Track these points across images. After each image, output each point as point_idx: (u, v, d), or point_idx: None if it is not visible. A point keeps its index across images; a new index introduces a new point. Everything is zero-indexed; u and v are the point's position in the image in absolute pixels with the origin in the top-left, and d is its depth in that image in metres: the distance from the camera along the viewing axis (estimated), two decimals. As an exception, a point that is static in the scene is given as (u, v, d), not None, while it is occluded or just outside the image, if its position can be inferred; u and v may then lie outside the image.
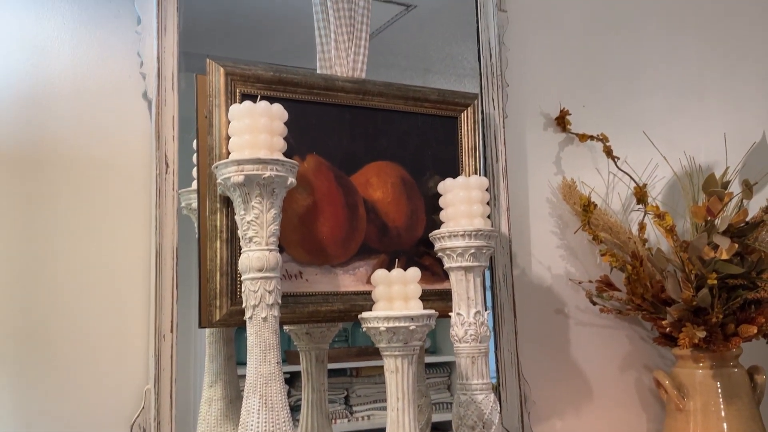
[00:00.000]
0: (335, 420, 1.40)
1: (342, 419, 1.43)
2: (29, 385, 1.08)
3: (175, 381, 1.15)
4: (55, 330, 1.11)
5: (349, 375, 1.47)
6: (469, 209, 1.28)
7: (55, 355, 1.10)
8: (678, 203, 1.65)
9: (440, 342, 1.53)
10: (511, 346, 1.44)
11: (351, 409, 1.45)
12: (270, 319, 1.10)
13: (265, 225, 1.11)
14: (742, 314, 1.42)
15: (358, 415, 1.45)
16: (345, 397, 1.46)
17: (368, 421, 1.44)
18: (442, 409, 1.46)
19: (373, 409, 1.45)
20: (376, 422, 1.41)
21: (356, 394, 1.46)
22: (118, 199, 1.18)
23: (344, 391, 1.46)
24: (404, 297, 1.16)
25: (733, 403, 1.42)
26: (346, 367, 1.47)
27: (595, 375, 1.56)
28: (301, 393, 1.35)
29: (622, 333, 1.61)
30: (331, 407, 1.38)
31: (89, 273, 1.14)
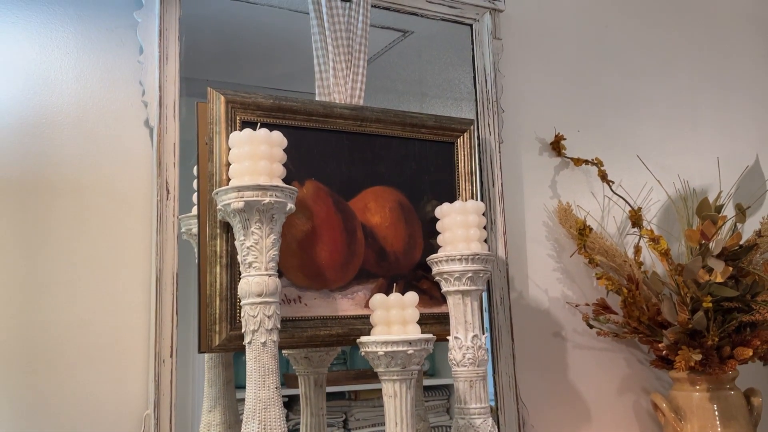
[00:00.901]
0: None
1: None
2: (29, 410, 1.08)
3: (175, 406, 1.15)
4: (56, 355, 1.11)
5: (347, 398, 1.47)
6: (466, 233, 1.29)
7: (55, 380, 1.11)
8: (673, 226, 1.67)
9: (439, 364, 1.53)
10: (509, 370, 1.45)
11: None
12: (269, 344, 1.10)
13: (265, 250, 1.12)
14: (738, 337, 1.43)
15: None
16: (344, 421, 1.46)
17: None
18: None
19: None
20: None
21: (355, 417, 1.46)
22: (119, 225, 1.19)
23: (343, 415, 1.46)
24: (402, 321, 1.18)
25: (731, 425, 1.43)
26: (344, 390, 1.48)
27: (593, 398, 1.57)
28: (300, 417, 1.35)
29: (620, 356, 1.62)
30: (329, 431, 1.38)
31: (90, 298, 1.15)
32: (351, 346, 1.34)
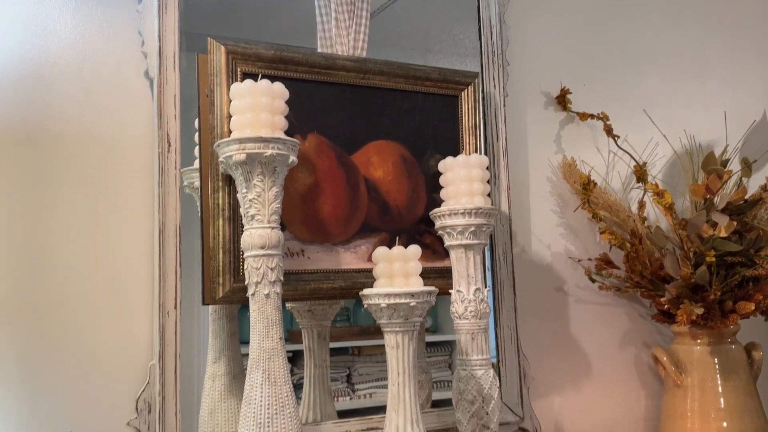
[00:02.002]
0: (337, 398, 1.42)
1: (344, 397, 1.45)
2: (35, 361, 1.10)
3: (180, 356, 1.17)
4: (61, 306, 1.12)
5: (351, 354, 1.49)
6: (470, 187, 1.28)
7: (60, 332, 1.12)
8: (678, 182, 1.66)
9: (441, 321, 1.54)
10: (510, 323, 1.46)
11: (353, 387, 1.47)
12: (272, 296, 1.11)
13: (267, 203, 1.12)
14: (740, 291, 1.43)
15: (360, 393, 1.47)
16: (347, 376, 1.48)
17: (370, 399, 1.46)
18: (442, 387, 1.48)
19: (374, 387, 1.47)
20: (377, 400, 1.43)
21: (358, 372, 1.48)
22: (120, 178, 1.19)
23: (346, 370, 1.48)
24: (405, 274, 1.18)
25: (731, 379, 1.44)
26: (348, 346, 1.49)
27: (594, 352, 1.58)
28: (304, 370, 1.37)
29: (621, 310, 1.63)
30: (333, 385, 1.40)
31: (93, 251, 1.15)
32: (354, 299, 1.35)
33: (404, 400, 1.14)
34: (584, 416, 1.53)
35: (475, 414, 1.25)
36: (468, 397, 1.25)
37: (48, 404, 1.10)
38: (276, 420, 1.08)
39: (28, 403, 1.09)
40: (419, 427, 1.14)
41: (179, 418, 1.15)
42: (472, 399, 1.25)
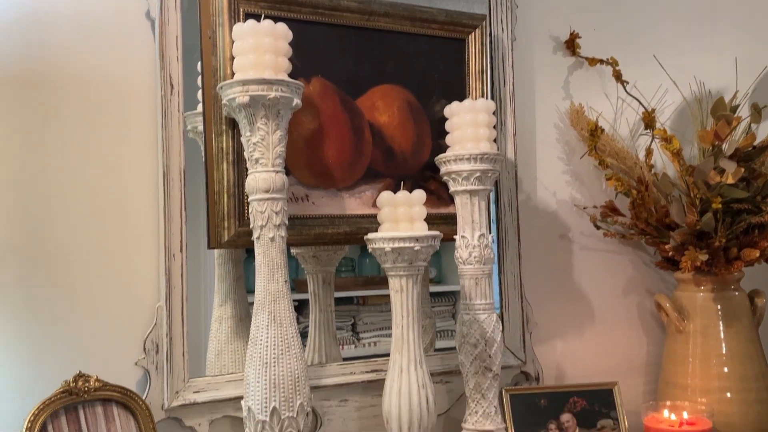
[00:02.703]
0: (342, 346, 1.44)
1: (349, 345, 1.46)
2: (44, 304, 1.11)
3: (186, 299, 1.18)
4: (66, 250, 1.13)
5: (355, 303, 1.50)
6: (476, 133, 1.27)
7: (67, 274, 1.13)
8: (686, 129, 1.64)
9: (446, 272, 1.55)
10: (514, 270, 1.46)
11: (358, 336, 1.49)
12: (277, 239, 1.11)
13: (271, 146, 1.11)
14: (746, 238, 1.43)
15: (365, 341, 1.48)
16: (352, 325, 1.49)
17: (374, 347, 1.48)
18: (446, 336, 1.49)
19: (378, 336, 1.48)
20: (381, 348, 1.45)
21: (363, 321, 1.50)
22: (124, 121, 1.18)
23: (351, 319, 1.49)
24: (409, 219, 1.18)
25: (733, 325, 1.45)
26: (353, 296, 1.50)
27: (597, 298, 1.59)
28: (309, 315, 1.39)
29: (625, 258, 1.63)
30: (338, 334, 1.42)
31: (98, 193, 1.15)
32: (359, 250, 1.36)
33: (408, 342, 1.16)
34: (586, 361, 1.55)
35: (477, 357, 1.26)
36: (471, 341, 1.27)
37: (57, 345, 1.11)
38: (282, 360, 1.09)
39: (38, 344, 1.10)
40: (422, 368, 1.16)
41: (187, 359, 1.17)
42: (475, 342, 1.26)
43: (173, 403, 1.15)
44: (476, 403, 1.27)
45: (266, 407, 1.08)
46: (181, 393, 1.16)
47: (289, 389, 1.09)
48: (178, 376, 1.16)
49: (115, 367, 1.12)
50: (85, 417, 1.04)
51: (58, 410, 1.01)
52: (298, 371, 1.10)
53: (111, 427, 1.06)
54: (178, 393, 1.16)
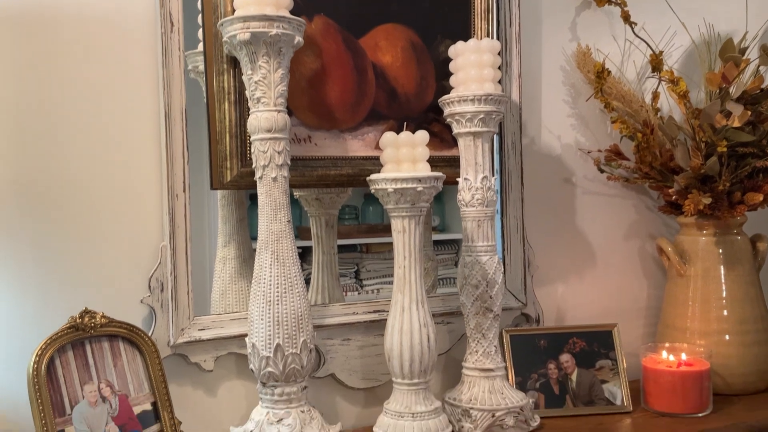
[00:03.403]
0: (346, 292, 1.46)
1: (352, 292, 1.48)
2: (49, 241, 1.12)
3: (190, 239, 1.18)
4: (70, 187, 1.13)
5: (359, 251, 1.51)
6: (480, 74, 1.26)
7: (70, 213, 1.13)
8: (694, 73, 1.62)
9: (449, 220, 1.55)
10: (517, 213, 1.46)
11: (361, 283, 1.50)
12: (280, 180, 1.11)
13: (273, 85, 1.10)
14: (749, 182, 1.42)
15: (368, 287, 1.50)
16: (355, 272, 1.50)
17: (377, 294, 1.49)
18: (449, 284, 1.50)
19: (381, 283, 1.49)
20: (384, 295, 1.46)
21: (366, 269, 1.51)
22: (124, 59, 1.16)
23: (355, 266, 1.51)
24: (412, 159, 1.17)
25: (734, 268, 1.45)
26: (356, 243, 1.51)
27: (599, 242, 1.59)
28: (312, 257, 1.40)
29: (628, 202, 1.63)
30: (342, 281, 1.43)
31: (99, 132, 1.15)
32: (361, 187, 1.35)
33: (410, 282, 1.17)
34: (586, 304, 1.57)
35: (479, 297, 1.27)
36: (472, 282, 1.28)
37: (63, 284, 1.13)
38: (285, 298, 1.11)
39: (43, 282, 1.11)
40: (424, 308, 1.17)
41: (191, 297, 1.19)
42: (477, 283, 1.27)
43: (179, 340, 1.17)
44: (477, 343, 1.28)
45: (270, 344, 1.09)
46: (186, 330, 1.18)
47: (293, 326, 1.10)
48: (183, 314, 1.18)
49: (120, 305, 1.14)
50: (92, 352, 1.05)
51: (65, 345, 1.02)
52: (301, 309, 1.12)
53: (118, 362, 1.08)
54: (183, 330, 1.18)
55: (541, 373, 1.37)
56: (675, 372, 1.33)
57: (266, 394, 1.12)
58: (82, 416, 1.01)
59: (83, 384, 1.03)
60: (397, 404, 1.16)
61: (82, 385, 1.03)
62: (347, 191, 1.42)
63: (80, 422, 1.00)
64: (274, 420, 1.10)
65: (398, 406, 1.15)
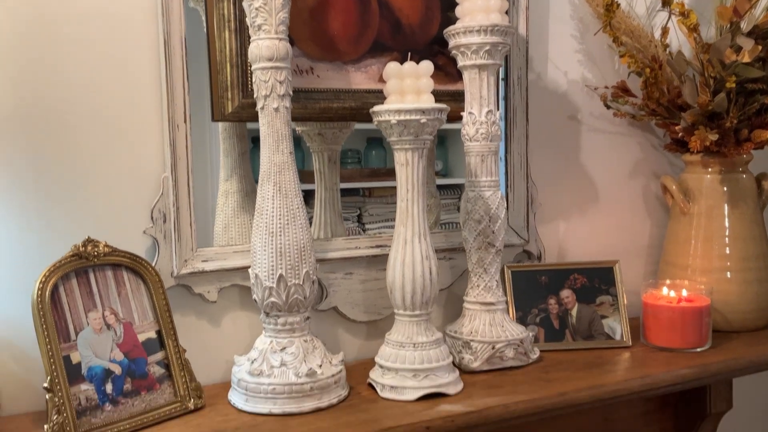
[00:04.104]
0: (349, 236, 1.45)
1: (355, 236, 1.47)
2: (51, 171, 1.11)
3: (192, 170, 1.18)
4: (71, 119, 1.12)
5: (361, 195, 1.50)
6: (486, 4, 1.22)
7: (71, 144, 1.12)
8: (705, 9, 1.57)
9: (452, 165, 1.54)
10: (521, 150, 1.45)
11: (363, 227, 1.49)
12: (282, 110, 1.10)
13: (274, 12, 1.07)
14: (757, 119, 1.41)
15: (370, 231, 1.49)
16: (358, 216, 1.50)
17: (379, 239, 1.49)
18: (452, 228, 1.50)
19: (383, 227, 1.49)
20: (386, 239, 1.46)
21: (368, 213, 1.50)
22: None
23: (357, 210, 1.50)
24: (416, 91, 1.15)
25: (738, 206, 1.45)
26: (359, 187, 1.50)
27: (603, 181, 1.58)
28: (315, 193, 1.39)
29: (634, 140, 1.61)
30: (344, 225, 1.42)
31: (98, 59, 1.13)
32: (364, 121, 1.34)
33: (412, 215, 1.16)
34: (588, 242, 1.57)
35: (481, 233, 1.27)
36: (475, 217, 1.27)
37: (65, 215, 1.12)
38: (288, 230, 1.10)
39: (46, 213, 1.11)
40: (426, 241, 1.17)
41: (194, 228, 1.19)
42: (479, 218, 1.27)
43: (182, 271, 1.17)
44: (478, 277, 1.29)
45: (273, 274, 1.10)
46: (189, 261, 1.18)
47: (295, 258, 1.11)
48: (186, 245, 1.18)
49: (123, 237, 1.14)
50: (95, 280, 1.06)
51: (68, 273, 1.03)
52: (304, 241, 1.12)
53: (122, 291, 1.09)
54: (186, 261, 1.18)
55: (542, 308, 1.38)
56: (675, 308, 1.34)
57: (269, 323, 1.13)
58: (87, 342, 1.02)
59: (87, 311, 1.04)
60: (398, 335, 1.17)
61: (87, 313, 1.04)
62: (350, 127, 1.41)
63: (85, 348, 1.02)
64: (278, 348, 1.11)
65: (400, 337, 1.17)
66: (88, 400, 1.00)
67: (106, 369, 1.03)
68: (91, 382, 1.01)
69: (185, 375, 1.10)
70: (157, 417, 1.05)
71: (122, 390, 1.04)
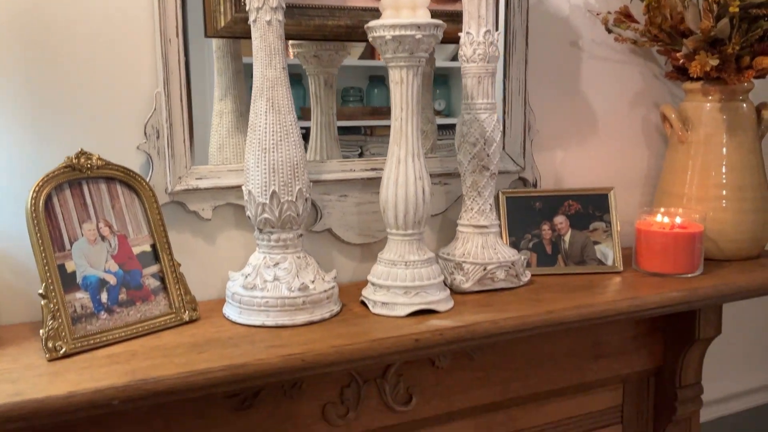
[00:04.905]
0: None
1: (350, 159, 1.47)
2: (43, 84, 1.10)
3: (185, 86, 1.17)
4: (62, 31, 1.10)
5: (363, 134, 1.49)
6: None
7: (63, 57, 1.11)
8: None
9: (454, 104, 1.52)
10: (520, 75, 1.43)
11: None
12: (274, 23, 1.08)
13: None
14: (760, 47, 1.38)
15: (372, 170, 1.48)
16: (359, 154, 1.49)
17: (374, 161, 1.48)
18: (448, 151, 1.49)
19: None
20: (381, 162, 1.45)
21: (370, 152, 1.49)
22: None
23: (358, 149, 1.49)
24: (412, 6, 1.13)
25: (736, 135, 1.44)
26: (360, 126, 1.49)
27: (602, 109, 1.57)
28: (311, 116, 1.38)
29: (635, 69, 1.59)
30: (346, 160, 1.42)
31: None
32: (359, 41, 1.32)
33: (406, 134, 1.16)
34: (585, 171, 1.56)
35: (476, 156, 1.27)
36: (470, 140, 1.27)
37: (59, 128, 1.12)
38: (281, 146, 1.10)
39: (40, 125, 1.11)
40: (419, 161, 1.17)
41: (188, 146, 1.19)
42: (474, 141, 1.27)
43: (176, 188, 1.18)
44: (472, 201, 1.29)
45: (266, 191, 1.10)
46: (183, 178, 1.19)
47: (288, 174, 1.11)
48: (179, 162, 1.18)
49: (118, 152, 1.14)
50: (89, 193, 1.07)
51: (62, 184, 1.03)
52: (297, 158, 1.12)
53: (116, 204, 1.09)
54: (180, 178, 1.18)
55: (535, 234, 1.39)
56: (667, 234, 1.35)
57: (263, 240, 1.14)
58: (82, 252, 1.03)
59: (82, 222, 1.05)
60: (390, 253, 1.18)
61: (81, 224, 1.05)
62: (346, 49, 1.39)
63: (80, 257, 1.03)
64: (271, 264, 1.13)
65: (392, 255, 1.18)
66: (83, 308, 1.01)
67: (100, 279, 1.04)
68: (86, 290, 1.02)
69: (180, 288, 1.12)
70: (153, 327, 1.07)
71: (117, 300, 1.05)
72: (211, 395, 1.07)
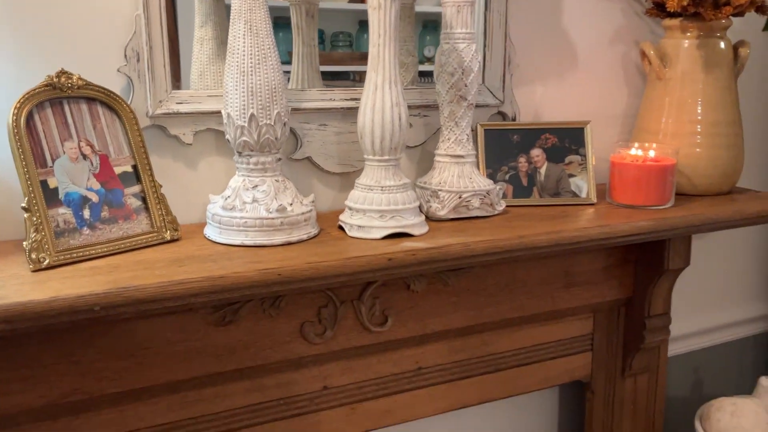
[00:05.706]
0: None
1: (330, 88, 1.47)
2: (21, 17, 1.11)
3: (164, 8, 1.17)
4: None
5: (352, 79, 1.50)
6: None
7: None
8: None
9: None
10: (500, 8, 1.44)
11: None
12: (253, -55, 1.09)
13: None
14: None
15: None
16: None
17: (354, 91, 1.49)
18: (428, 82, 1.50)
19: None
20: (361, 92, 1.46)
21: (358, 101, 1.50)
22: None
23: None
24: (391, -71, 1.14)
25: (712, 72, 1.46)
26: (349, 71, 1.50)
27: (583, 46, 1.58)
28: (292, 48, 1.39)
29: (617, 6, 1.60)
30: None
31: None
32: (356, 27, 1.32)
33: (384, 60, 1.18)
34: (564, 107, 1.58)
35: (453, 86, 1.29)
36: (448, 69, 1.29)
37: (40, 48, 1.12)
38: (259, 69, 1.12)
39: (20, 46, 1.12)
40: (397, 88, 1.19)
41: (168, 70, 1.20)
42: (452, 71, 1.28)
43: (157, 111, 1.20)
44: (449, 131, 1.32)
45: (245, 114, 1.12)
46: (164, 102, 1.20)
47: (267, 98, 1.13)
48: (160, 86, 1.20)
49: (99, 75, 1.15)
50: (70, 112, 1.08)
51: (43, 102, 1.05)
52: (275, 81, 1.13)
53: (97, 125, 1.11)
54: (161, 102, 1.20)
55: (511, 166, 1.42)
56: (641, 166, 1.38)
57: (242, 163, 1.16)
58: (64, 169, 1.06)
59: (63, 141, 1.07)
60: (367, 179, 1.21)
61: (63, 142, 1.07)
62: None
63: (62, 174, 1.05)
64: (250, 186, 1.16)
65: (368, 181, 1.21)
66: (66, 223, 1.04)
67: (83, 196, 1.07)
68: (68, 206, 1.05)
69: (161, 208, 1.15)
70: (135, 244, 1.10)
71: (100, 217, 1.08)
72: (192, 310, 1.11)
